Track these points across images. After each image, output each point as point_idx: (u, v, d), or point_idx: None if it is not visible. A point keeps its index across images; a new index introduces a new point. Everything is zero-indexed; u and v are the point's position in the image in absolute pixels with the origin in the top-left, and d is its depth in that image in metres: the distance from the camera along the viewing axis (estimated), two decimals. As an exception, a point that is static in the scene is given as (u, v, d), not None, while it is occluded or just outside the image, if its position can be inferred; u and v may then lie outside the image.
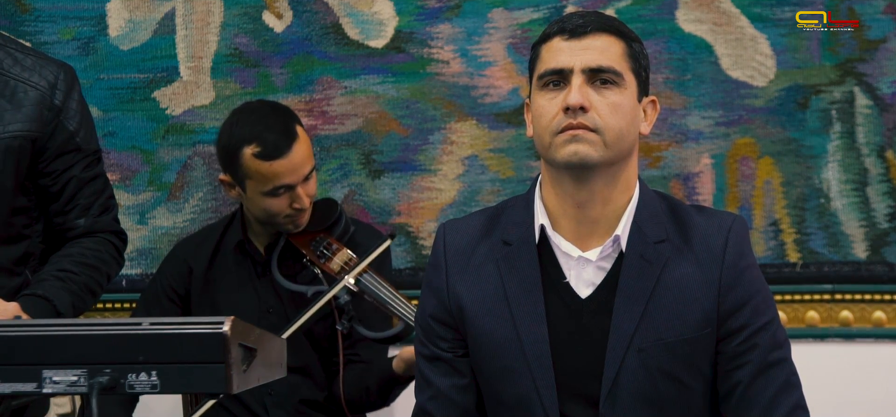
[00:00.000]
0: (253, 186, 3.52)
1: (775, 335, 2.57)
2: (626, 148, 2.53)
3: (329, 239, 3.57)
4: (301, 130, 3.56)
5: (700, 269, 2.54)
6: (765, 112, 3.88)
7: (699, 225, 2.58)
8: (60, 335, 2.25)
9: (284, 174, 3.49)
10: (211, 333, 2.20)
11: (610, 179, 2.53)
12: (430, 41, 3.90)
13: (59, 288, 3.03)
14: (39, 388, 2.23)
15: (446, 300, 2.60)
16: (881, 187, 3.88)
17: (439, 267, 2.62)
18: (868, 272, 3.89)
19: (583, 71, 2.50)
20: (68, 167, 3.13)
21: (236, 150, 3.51)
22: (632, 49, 2.55)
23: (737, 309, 2.54)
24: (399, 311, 3.42)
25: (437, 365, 2.62)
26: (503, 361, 2.55)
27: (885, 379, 3.89)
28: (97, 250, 3.15)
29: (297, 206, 3.53)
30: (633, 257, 2.53)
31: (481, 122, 3.91)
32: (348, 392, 3.55)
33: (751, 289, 2.56)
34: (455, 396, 2.61)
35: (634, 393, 2.50)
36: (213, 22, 3.92)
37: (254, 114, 3.57)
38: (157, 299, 3.67)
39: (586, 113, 2.48)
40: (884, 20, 3.85)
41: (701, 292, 2.53)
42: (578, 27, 2.53)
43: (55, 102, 3.10)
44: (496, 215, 2.64)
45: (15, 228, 3.11)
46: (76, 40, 3.92)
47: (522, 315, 2.54)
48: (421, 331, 2.66)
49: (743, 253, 2.56)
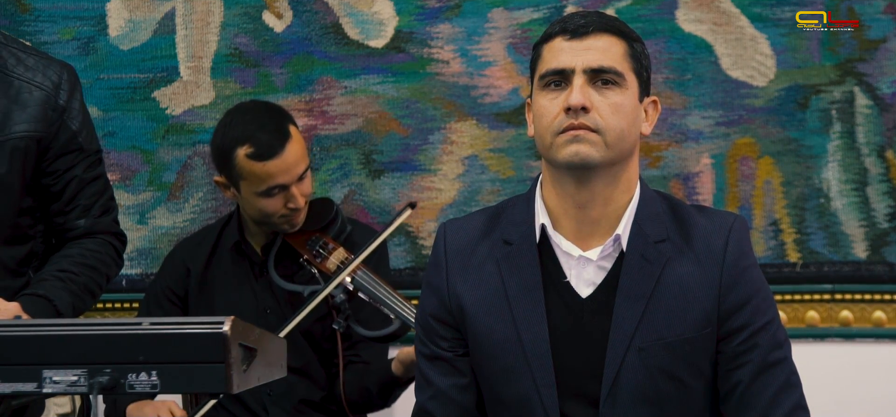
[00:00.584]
0: (247, 186, 3.51)
1: (776, 335, 2.57)
2: (627, 148, 2.53)
3: (325, 238, 3.57)
4: (295, 129, 3.55)
5: (701, 268, 2.54)
6: (765, 112, 3.88)
7: (700, 225, 2.58)
8: (60, 335, 2.25)
9: (278, 174, 3.48)
10: (211, 333, 2.20)
11: (611, 179, 2.53)
12: (430, 41, 3.90)
13: (59, 288, 3.04)
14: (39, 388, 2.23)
15: (446, 299, 2.60)
16: (881, 187, 3.88)
17: (439, 266, 2.62)
18: (868, 271, 3.89)
19: (584, 71, 2.50)
20: (70, 167, 3.13)
21: (230, 151, 3.50)
22: (633, 49, 2.55)
23: (737, 309, 2.54)
24: (396, 309, 3.42)
25: (438, 365, 2.62)
26: (503, 360, 2.55)
27: (885, 379, 3.89)
28: (97, 251, 3.15)
29: (291, 206, 3.52)
30: (633, 257, 2.53)
31: (481, 122, 3.91)
32: (349, 393, 3.54)
33: (751, 289, 2.56)
34: (455, 395, 2.61)
35: (634, 393, 2.50)
36: (213, 22, 3.92)
37: (247, 114, 3.56)
38: (157, 300, 3.67)
39: (588, 113, 2.48)
40: (884, 20, 3.85)
41: (701, 291, 2.53)
42: (580, 27, 2.52)
43: (59, 102, 3.10)
44: (497, 214, 2.64)
45: (20, 228, 3.11)
46: (76, 40, 3.92)
47: (523, 315, 2.53)
48: (421, 330, 2.65)
49: (744, 253, 2.56)
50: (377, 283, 3.46)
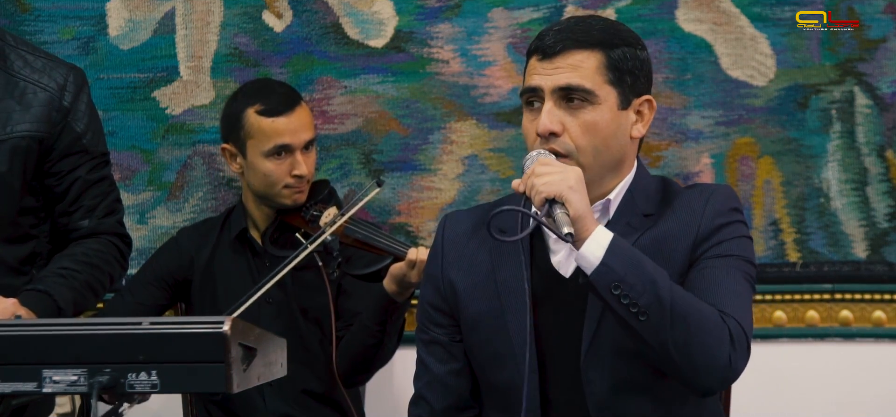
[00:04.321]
0: (254, 147, 3.58)
1: (745, 265, 2.56)
2: (609, 159, 2.57)
3: (318, 205, 3.60)
4: (304, 104, 3.66)
5: (679, 224, 2.57)
6: (765, 112, 3.88)
7: (684, 194, 2.63)
8: (61, 335, 2.25)
9: (285, 133, 3.57)
10: (211, 333, 2.21)
11: (600, 179, 2.59)
12: (429, 41, 3.90)
13: (60, 284, 3.04)
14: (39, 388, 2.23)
15: (441, 286, 2.68)
16: (881, 187, 3.88)
17: (436, 255, 2.71)
18: (868, 271, 3.89)
19: (553, 92, 2.55)
20: (74, 168, 3.14)
21: (241, 111, 3.62)
22: (610, 59, 2.57)
23: (709, 234, 2.54)
24: (388, 245, 3.44)
25: (434, 350, 2.70)
26: (492, 346, 2.61)
27: (885, 379, 3.89)
28: (100, 251, 3.16)
29: (296, 172, 3.57)
30: (619, 224, 2.57)
31: (481, 121, 3.91)
32: (341, 362, 3.53)
33: (728, 232, 2.56)
34: (451, 381, 2.68)
35: (614, 346, 2.53)
36: (213, 21, 3.92)
37: (259, 82, 3.76)
38: (146, 283, 3.68)
39: (558, 138, 2.54)
40: (884, 20, 3.85)
41: (679, 242, 2.55)
42: (549, 47, 2.57)
43: (64, 103, 3.12)
44: (495, 206, 2.69)
45: (22, 228, 3.12)
46: (76, 40, 3.92)
47: (509, 303, 2.59)
48: (420, 318, 2.74)
49: (722, 212, 2.57)
50: (368, 225, 3.53)
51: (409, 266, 3.37)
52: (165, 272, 3.70)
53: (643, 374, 2.52)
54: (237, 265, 3.66)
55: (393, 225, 3.91)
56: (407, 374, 3.42)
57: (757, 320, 3.50)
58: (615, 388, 2.54)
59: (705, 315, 2.43)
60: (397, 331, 3.52)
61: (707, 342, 2.42)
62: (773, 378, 3.84)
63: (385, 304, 3.45)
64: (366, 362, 3.54)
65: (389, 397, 3.75)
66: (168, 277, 3.69)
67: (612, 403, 2.54)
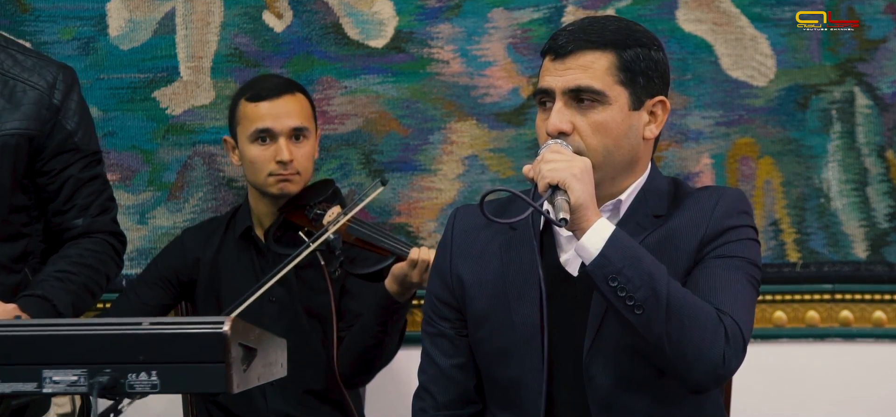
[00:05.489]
0: (242, 133, 3.62)
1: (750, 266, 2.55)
2: (621, 160, 2.57)
3: (321, 204, 3.60)
4: (304, 96, 3.67)
5: (688, 222, 2.57)
6: (765, 112, 3.88)
7: (695, 193, 2.64)
8: (60, 335, 2.25)
9: (266, 117, 3.58)
10: (211, 333, 2.21)
11: (612, 179, 2.59)
12: (430, 41, 3.90)
13: (58, 288, 3.04)
14: (39, 388, 2.23)
15: (448, 279, 2.69)
16: (881, 187, 3.88)
17: (445, 248, 2.72)
18: (868, 271, 3.89)
19: (563, 93, 2.56)
20: (66, 167, 3.14)
21: (236, 100, 3.67)
22: (622, 59, 2.57)
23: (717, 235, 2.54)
24: (389, 245, 3.44)
25: (440, 343, 2.70)
26: (498, 342, 2.62)
27: (885, 379, 3.89)
28: (95, 251, 3.16)
29: (279, 159, 3.56)
30: (629, 223, 2.57)
31: (481, 122, 3.91)
32: (343, 362, 3.53)
33: (736, 234, 2.56)
34: (456, 375, 2.69)
35: (617, 343, 2.53)
36: (213, 22, 3.92)
37: (263, 74, 3.79)
38: (151, 284, 3.68)
39: (569, 137, 2.54)
40: (884, 20, 3.85)
41: (687, 240, 2.55)
42: (561, 47, 2.58)
43: (54, 101, 3.12)
44: (507, 202, 2.70)
45: (13, 226, 3.12)
46: (76, 40, 3.92)
47: (517, 299, 2.59)
48: (427, 311, 2.74)
49: (730, 214, 2.57)
50: (370, 224, 3.53)
51: (411, 266, 3.36)
52: (170, 272, 3.70)
53: (645, 372, 2.53)
54: (241, 263, 3.67)
55: (393, 225, 3.91)
56: (408, 374, 3.42)
57: (757, 320, 3.50)
58: (617, 386, 2.54)
59: (701, 312, 2.43)
60: (399, 332, 3.51)
61: (701, 338, 2.42)
62: (773, 378, 3.84)
63: (386, 304, 3.44)
64: (367, 362, 3.54)
65: (390, 397, 3.74)
66: (173, 277, 3.70)
67: (614, 401, 2.55)
